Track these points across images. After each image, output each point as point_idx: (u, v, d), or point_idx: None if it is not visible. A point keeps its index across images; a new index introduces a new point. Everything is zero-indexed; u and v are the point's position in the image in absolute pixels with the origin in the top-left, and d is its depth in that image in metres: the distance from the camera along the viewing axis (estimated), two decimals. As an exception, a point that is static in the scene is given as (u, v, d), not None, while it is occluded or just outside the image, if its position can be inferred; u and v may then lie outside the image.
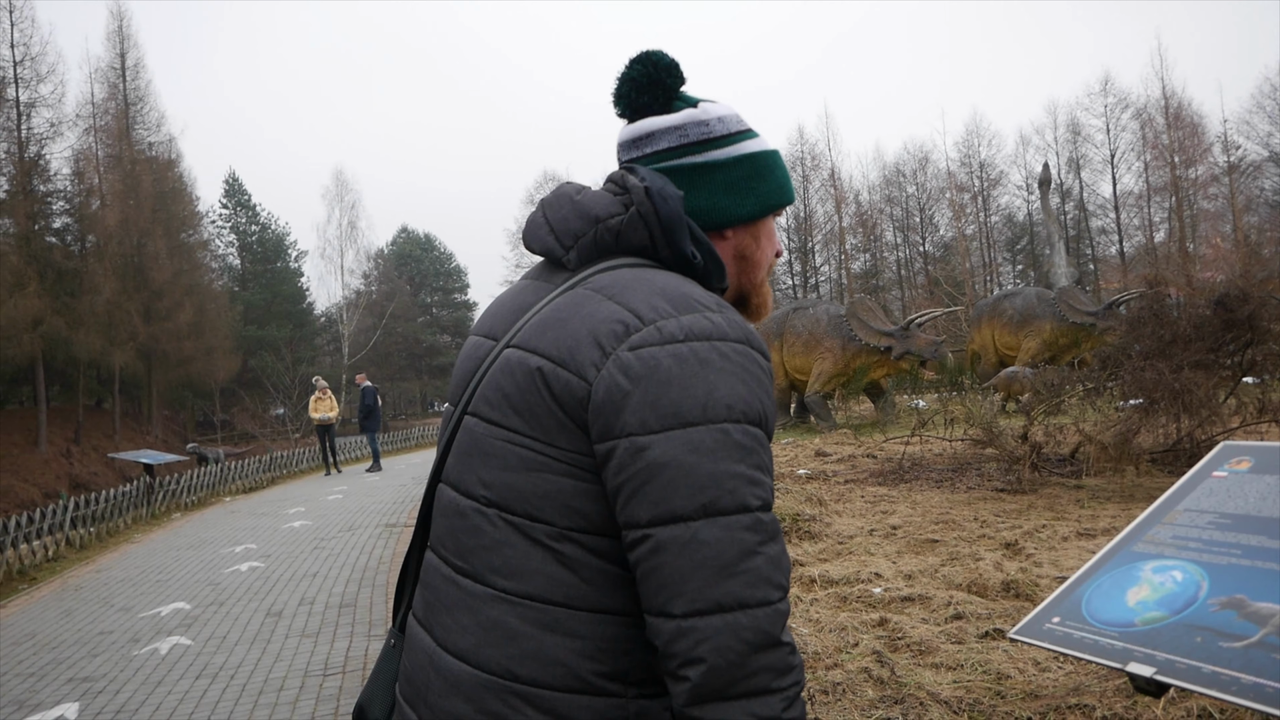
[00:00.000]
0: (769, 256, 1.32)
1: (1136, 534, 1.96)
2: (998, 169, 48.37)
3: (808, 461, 11.04)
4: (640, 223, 1.17)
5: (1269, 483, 1.91)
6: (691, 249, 1.18)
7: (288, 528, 10.67)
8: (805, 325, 16.87)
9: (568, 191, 1.24)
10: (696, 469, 0.99)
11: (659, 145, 1.25)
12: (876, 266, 50.42)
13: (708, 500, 0.99)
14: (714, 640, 0.95)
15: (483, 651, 1.07)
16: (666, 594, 0.98)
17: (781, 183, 1.29)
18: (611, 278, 1.14)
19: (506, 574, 1.08)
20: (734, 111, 1.28)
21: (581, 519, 1.06)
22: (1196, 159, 41.85)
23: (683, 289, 1.12)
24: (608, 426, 1.03)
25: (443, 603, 1.14)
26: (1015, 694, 3.33)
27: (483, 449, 1.13)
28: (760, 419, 1.06)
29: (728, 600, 0.96)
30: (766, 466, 1.05)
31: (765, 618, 0.97)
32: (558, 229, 1.21)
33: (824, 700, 3.42)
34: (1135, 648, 1.62)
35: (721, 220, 1.25)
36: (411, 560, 1.27)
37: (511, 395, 1.11)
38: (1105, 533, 5.81)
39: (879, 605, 4.59)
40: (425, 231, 64.30)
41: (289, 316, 48.74)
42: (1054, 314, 18.20)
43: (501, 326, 1.22)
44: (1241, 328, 7.74)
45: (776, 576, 1.00)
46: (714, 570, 0.97)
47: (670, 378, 1.02)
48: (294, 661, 5.07)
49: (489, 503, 1.11)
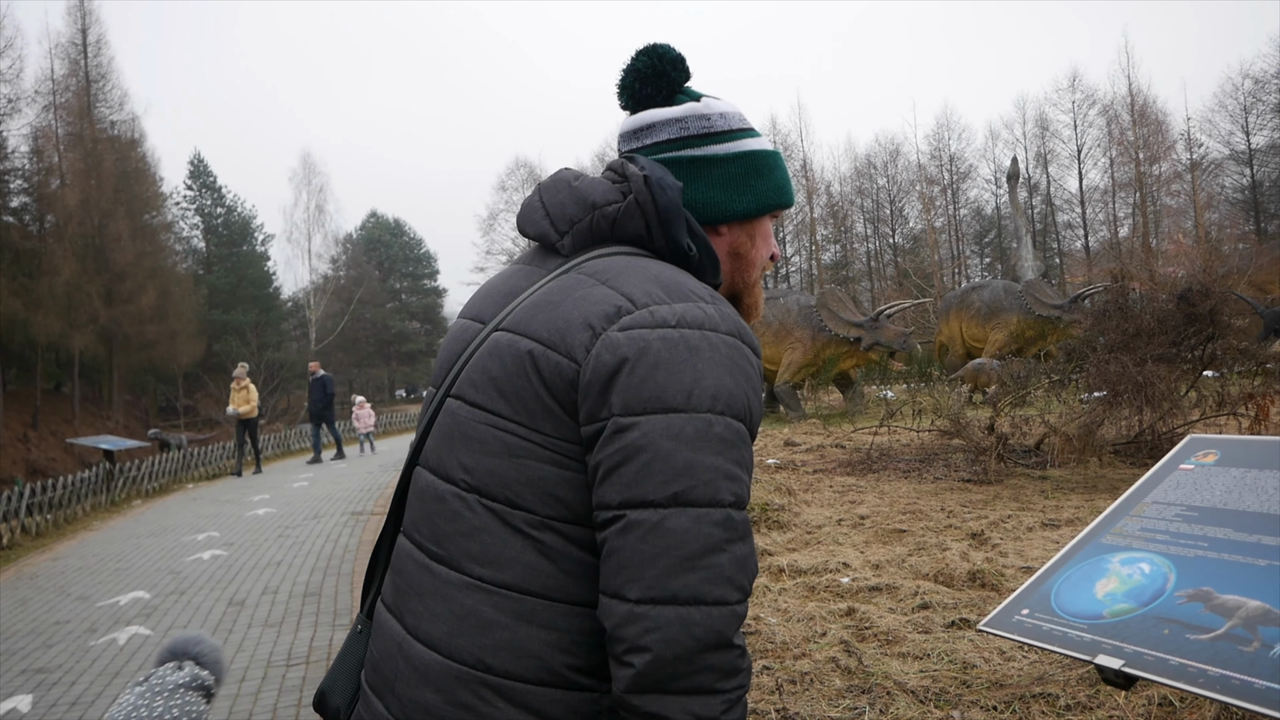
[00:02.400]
0: (763, 257, 1.31)
1: (1105, 526, 1.96)
2: (967, 162, 48.86)
3: (777, 451, 11.09)
4: (637, 211, 1.16)
5: (1235, 475, 1.93)
6: (688, 241, 1.18)
7: (251, 515, 10.53)
8: (776, 315, 16.93)
9: (566, 177, 1.23)
10: (673, 456, 0.98)
11: (659, 137, 1.24)
12: (847, 258, 50.72)
13: (680, 489, 0.97)
14: (664, 631, 0.94)
15: (455, 641, 1.05)
16: (624, 576, 0.96)
17: (780, 184, 1.28)
18: (606, 264, 1.13)
19: (483, 561, 1.05)
20: (737, 109, 1.28)
21: (563, 508, 1.04)
22: (1160, 156, 42.51)
23: (677, 278, 1.11)
24: (594, 408, 1.02)
25: (415, 589, 1.11)
26: (981, 683, 3.36)
27: (465, 432, 1.11)
28: (745, 414, 1.04)
29: (684, 593, 0.95)
30: (746, 463, 1.03)
31: (720, 617, 0.96)
32: (554, 214, 1.20)
33: (792, 690, 3.42)
34: (1103, 640, 1.62)
35: (717, 215, 1.24)
36: (384, 544, 1.24)
37: (498, 378, 1.09)
38: (1069, 523, 5.88)
39: (847, 595, 4.61)
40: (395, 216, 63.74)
41: (255, 301, 48.06)
42: (1020, 307, 18.41)
43: (491, 310, 1.20)
44: (1203, 322, 7.86)
45: (739, 578, 0.98)
46: (676, 560, 0.95)
47: (658, 361, 1.01)
48: (256, 652, 5.00)
49: (469, 488, 1.08)
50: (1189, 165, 41.90)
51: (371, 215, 62.68)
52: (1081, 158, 45.45)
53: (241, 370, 16.25)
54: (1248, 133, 41.75)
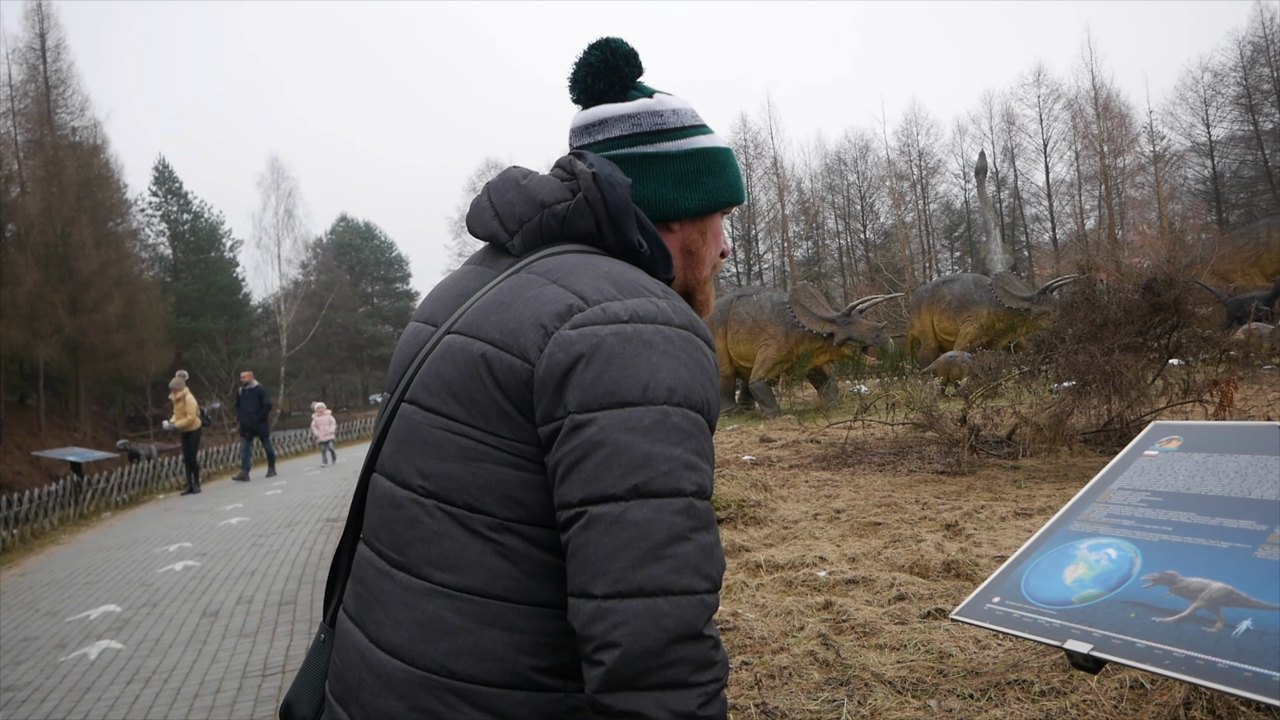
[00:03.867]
0: (714, 254, 1.32)
1: (1073, 513, 1.99)
2: (936, 158, 49.21)
3: (752, 448, 11.12)
4: (587, 209, 1.16)
5: (1197, 460, 1.96)
6: (638, 237, 1.17)
7: (224, 525, 10.41)
8: (749, 312, 16.99)
9: (514, 175, 1.22)
10: (631, 448, 0.97)
11: (611, 133, 1.24)
12: (819, 254, 50.96)
13: (640, 480, 0.96)
14: (632, 625, 0.92)
15: (417, 647, 1.04)
16: (589, 573, 0.95)
17: (732, 181, 1.29)
18: (556, 262, 1.13)
19: (444, 567, 1.05)
20: (689, 106, 1.28)
21: (523, 510, 1.04)
22: (1124, 149, 43.10)
23: (629, 275, 1.11)
24: (550, 407, 1.01)
25: (375, 597, 1.11)
26: (957, 672, 3.39)
27: (420, 438, 1.10)
28: (702, 405, 1.04)
29: (650, 585, 0.93)
30: (706, 453, 1.03)
31: (689, 607, 0.94)
32: (503, 213, 1.19)
33: (770, 684, 3.43)
34: (1072, 625, 1.64)
35: (669, 212, 1.24)
36: (344, 553, 1.24)
37: (452, 382, 1.08)
38: (1041, 512, 5.95)
39: (824, 588, 4.63)
40: (365, 220, 63.38)
41: (224, 308, 47.54)
42: (991, 299, 18.59)
43: (443, 312, 1.19)
44: (1168, 311, 7.98)
45: (705, 566, 0.97)
46: (640, 552, 0.94)
47: (612, 356, 1.00)
48: (231, 662, 4.95)
49: (427, 493, 1.08)
50: (1152, 158, 42.53)
51: (342, 219, 62.29)
52: (1048, 151, 45.99)
53: (178, 381, 15.15)
54: (1208, 125, 42.47)
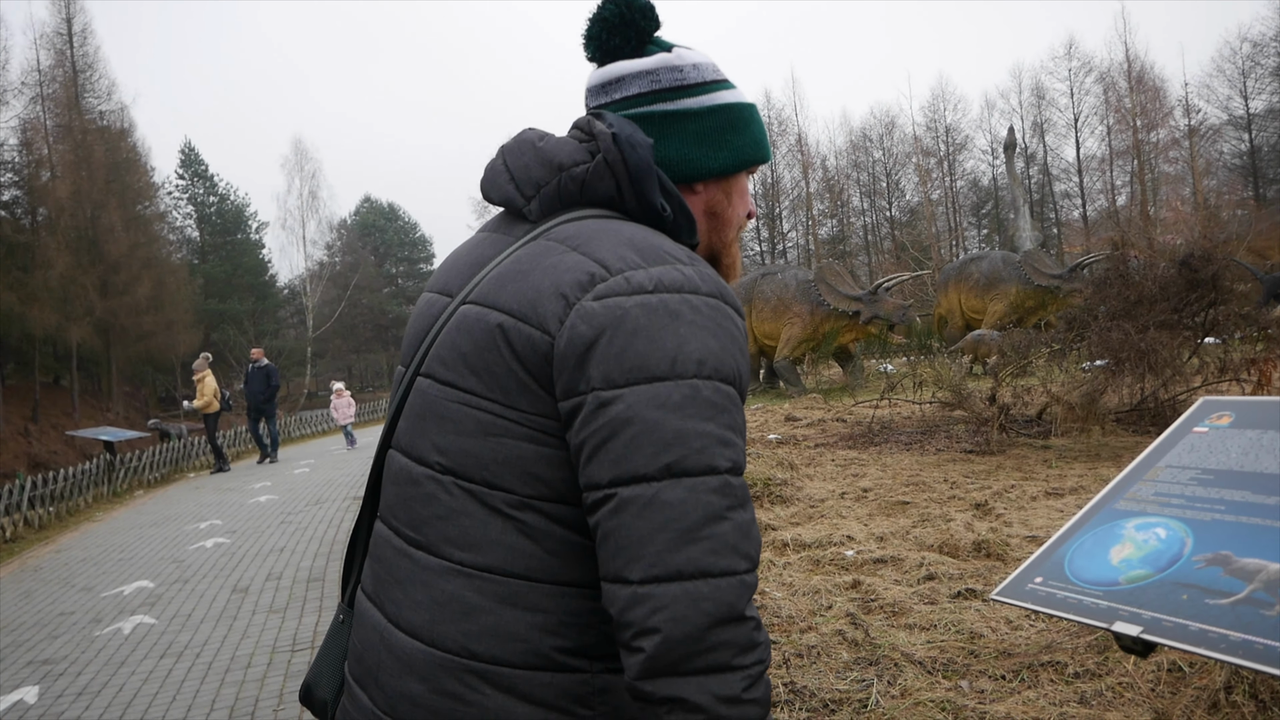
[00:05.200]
0: (740, 215, 1.26)
1: (1118, 492, 1.93)
2: (963, 133, 48.57)
3: (778, 426, 11.06)
4: (607, 171, 1.10)
5: (1250, 437, 1.89)
6: (661, 200, 1.12)
7: (254, 503, 10.53)
8: (774, 291, 16.87)
9: (530, 138, 1.17)
10: (662, 425, 0.93)
11: (629, 91, 1.18)
12: (844, 232, 50.54)
13: (673, 459, 0.92)
14: (671, 609, 0.89)
15: (437, 628, 1.01)
16: (624, 558, 0.91)
17: (757, 138, 1.23)
18: (576, 228, 1.08)
19: (463, 545, 1.02)
20: (710, 60, 1.22)
21: (544, 486, 1.00)
22: (1158, 123, 42.27)
23: (652, 240, 1.06)
24: (572, 382, 0.97)
25: (394, 576, 1.07)
26: (988, 653, 3.34)
27: (437, 412, 1.06)
28: (733, 377, 0.99)
29: (688, 567, 0.90)
30: (738, 427, 0.99)
31: (728, 588, 0.91)
32: (519, 177, 1.14)
33: (799, 663, 3.41)
34: (1120, 606, 1.58)
35: (692, 173, 1.19)
36: (361, 531, 1.21)
37: (468, 354, 1.04)
38: (1072, 491, 5.86)
39: (851, 568, 4.59)
40: (389, 201, 63.60)
41: (251, 289, 47.97)
42: (1019, 277, 18.34)
43: (457, 282, 1.15)
44: (1206, 288, 7.82)
45: (744, 545, 0.93)
46: (676, 534, 0.90)
47: (637, 329, 0.96)
48: (261, 638, 4.99)
49: (444, 469, 1.04)
50: (1186, 132, 41.67)
51: (365, 200, 62.54)
52: (1078, 126, 45.21)
53: (201, 362, 15.04)
54: (1246, 97, 41.50)
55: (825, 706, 3.06)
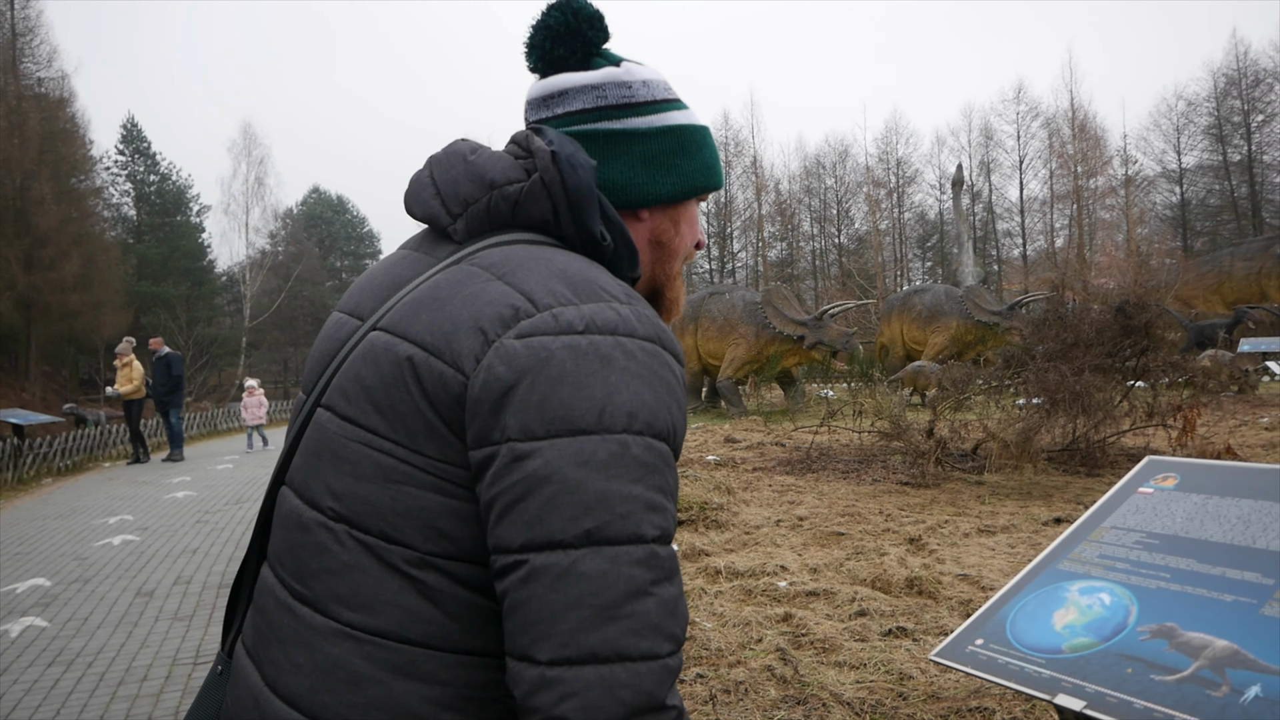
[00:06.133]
0: (687, 245, 1.16)
1: (1061, 551, 1.87)
2: (914, 167, 49.52)
3: (717, 448, 11.02)
4: (543, 192, 1.00)
5: (1196, 502, 1.85)
6: (601, 228, 1.02)
7: (170, 498, 10.12)
8: (721, 310, 16.93)
9: (461, 150, 1.06)
10: (584, 486, 0.83)
11: (572, 105, 1.08)
12: (793, 255, 51.10)
13: (594, 525, 0.82)
14: (583, 697, 0.79)
15: (318, 697, 0.89)
16: (533, 634, 0.81)
17: (709, 163, 1.13)
18: (503, 254, 0.97)
19: (354, 605, 0.90)
20: (661, 77, 1.12)
21: (448, 543, 0.89)
22: (1097, 170, 43.71)
23: (587, 273, 0.95)
24: (485, 429, 0.86)
25: (275, 633, 0.95)
26: (917, 695, 3.28)
27: (334, 451, 0.94)
28: (667, 432, 0.89)
29: (605, 649, 0.80)
30: (669, 489, 0.89)
31: (649, 674, 0.81)
32: (445, 192, 1.03)
33: (725, 700, 3.31)
34: (1063, 677, 1.52)
35: (637, 198, 1.09)
36: (247, 573, 1.07)
37: (373, 388, 0.93)
38: (1004, 529, 5.89)
39: (784, 599, 4.52)
40: (338, 193, 62.39)
41: (187, 274, 46.56)
42: (961, 312, 18.68)
43: (370, 304, 1.03)
44: (1139, 334, 7.99)
45: (668, 625, 0.84)
46: (592, 611, 0.80)
47: (563, 374, 0.85)
48: (163, 648, 4.72)
49: (337, 517, 0.92)
50: (1123, 181, 43.13)
51: (314, 191, 61.31)
52: (1023, 168, 46.45)
53: (125, 346, 14.30)
54: (1179, 152, 43.17)
55: (749, 747, 2.96)
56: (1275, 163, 41.36)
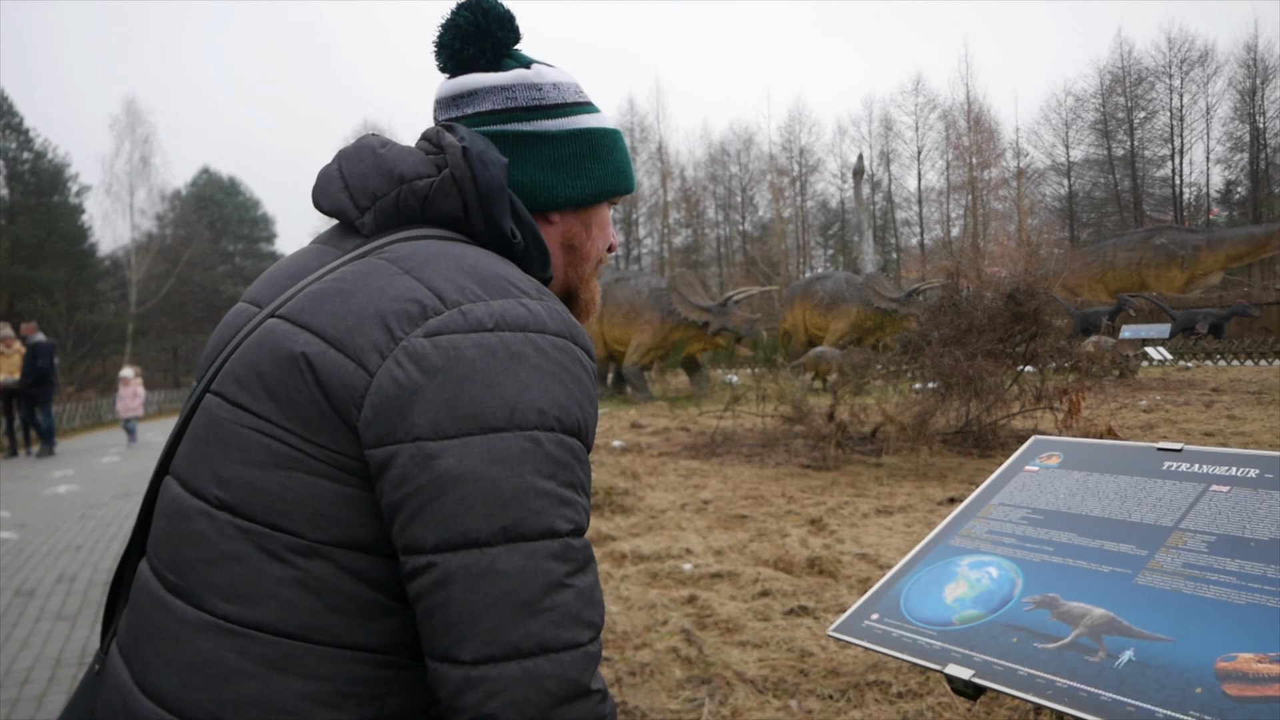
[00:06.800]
0: (599, 249, 1.17)
1: (953, 528, 1.94)
2: (816, 156, 50.61)
3: (623, 433, 11.07)
4: (453, 188, 1.00)
5: (1078, 479, 1.94)
6: (512, 226, 1.02)
7: (50, 493, 9.62)
8: (626, 296, 16.97)
9: (371, 144, 1.05)
10: (498, 484, 0.83)
11: (481, 106, 1.08)
12: (698, 242, 51.59)
13: (509, 522, 0.83)
14: (510, 693, 0.80)
15: (187, 694, 0.87)
16: (454, 635, 0.81)
17: (620, 167, 1.14)
18: (412, 248, 0.96)
19: (230, 596, 0.88)
20: (573, 80, 1.13)
21: (338, 530, 0.88)
22: (991, 162, 45.48)
23: (497, 269, 0.95)
24: (389, 428, 0.84)
25: (146, 629, 0.92)
26: (818, 671, 3.38)
27: (223, 437, 0.91)
28: (578, 428, 0.90)
29: (527, 644, 0.81)
30: (582, 484, 0.90)
31: (572, 663, 0.83)
32: (353, 186, 1.02)
33: (631, 682, 3.34)
34: (953, 648, 1.58)
35: (547, 201, 1.09)
36: (128, 568, 1.03)
37: (266, 374, 0.90)
38: (901, 509, 6.09)
39: (689, 582, 4.58)
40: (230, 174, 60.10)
41: (66, 257, 44.11)
42: (861, 298, 19.19)
43: (270, 293, 1.01)
44: (1028, 321, 8.35)
45: (587, 613, 0.85)
46: (513, 607, 0.81)
47: (473, 372, 0.85)
48: (45, 649, 4.49)
49: (221, 504, 0.90)
50: (1015, 173, 44.96)
51: (204, 171, 58.84)
52: (921, 159, 47.94)
53: (9, 331, 13.54)
54: (1068, 146, 45.29)
55: (655, 728, 3.00)
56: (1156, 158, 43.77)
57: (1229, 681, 1.30)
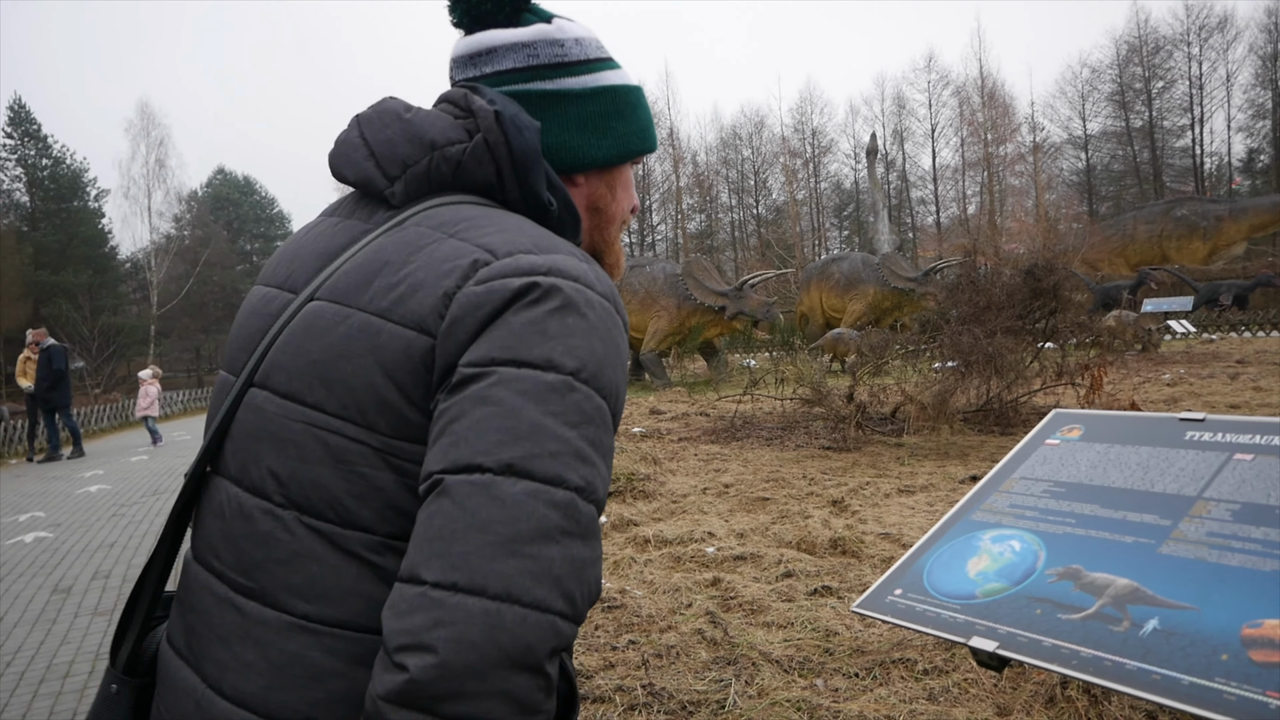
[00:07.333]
0: (624, 210, 1.13)
1: (975, 503, 1.95)
2: (829, 137, 50.25)
3: (642, 419, 11.10)
4: (486, 154, 0.95)
5: (1099, 451, 1.94)
6: (548, 194, 0.98)
7: (83, 493, 9.76)
8: (642, 283, 16.96)
9: (394, 108, 1.00)
10: (518, 415, 0.79)
11: (502, 65, 1.03)
12: (711, 227, 51.42)
13: (519, 455, 0.77)
14: (459, 628, 0.72)
15: (275, 696, 0.85)
16: (425, 552, 0.75)
17: (643, 125, 1.10)
18: (452, 213, 0.93)
19: (310, 596, 0.85)
20: (593, 35, 1.08)
21: (407, 523, 0.85)
22: (1006, 138, 44.98)
23: (541, 230, 0.92)
24: (447, 372, 0.83)
25: (216, 631, 0.90)
26: (843, 650, 3.39)
27: (275, 433, 0.89)
28: (611, 391, 0.86)
29: (496, 584, 0.73)
30: (604, 448, 0.84)
31: (534, 627, 0.74)
32: (380, 154, 0.97)
33: (658, 664, 3.37)
34: (977, 621, 1.59)
35: (572, 162, 1.05)
36: (152, 574, 0.99)
37: (321, 362, 0.88)
38: (923, 489, 6.09)
39: (712, 565, 4.61)
40: (244, 174, 60.39)
41: (88, 261, 44.54)
42: (878, 279, 19.08)
43: (303, 275, 0.97)
44: (1047, 297, 8.29)
45: (570, 584, 0.77)
46: (495, 539, 0.74)
47: (520, 309, 0.83)
48: (84, 644, 4.58)
49: (285, 503, 0.87)
50: (1031, 148, 44.48)
51: (219, 172, 59.20)
52: (935, 136, 47.51)
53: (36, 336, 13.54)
54: (1084, 119, 44.73)
55: (683, 708, 3.03)
56: (1175, 128, 43.16)
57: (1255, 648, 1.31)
